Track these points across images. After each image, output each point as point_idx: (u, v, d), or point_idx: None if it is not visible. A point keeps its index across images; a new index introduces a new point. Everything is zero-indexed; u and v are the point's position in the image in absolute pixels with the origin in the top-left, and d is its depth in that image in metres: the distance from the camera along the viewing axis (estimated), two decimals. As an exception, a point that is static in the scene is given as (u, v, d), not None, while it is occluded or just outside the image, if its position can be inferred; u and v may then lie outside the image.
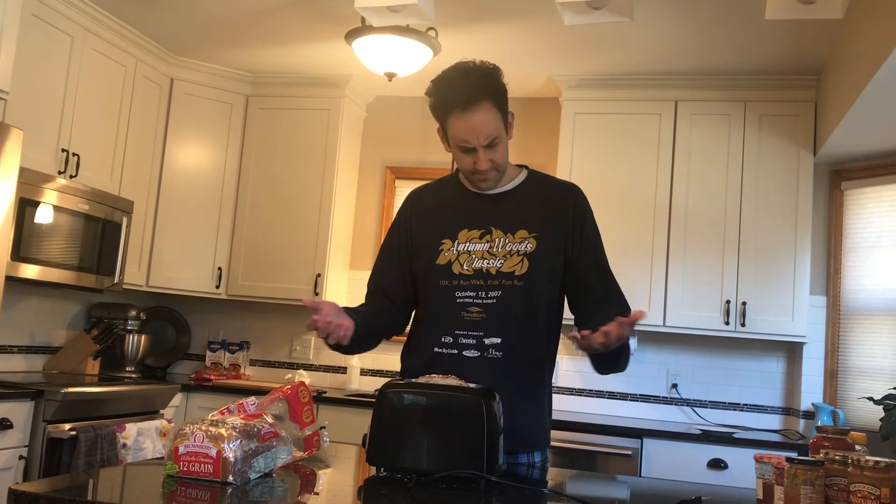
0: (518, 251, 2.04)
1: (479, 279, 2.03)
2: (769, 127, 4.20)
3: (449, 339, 2.03)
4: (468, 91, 1.97)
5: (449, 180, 2.23)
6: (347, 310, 2.02)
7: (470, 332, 2.02)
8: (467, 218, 2.10)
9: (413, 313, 2.21)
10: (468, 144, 2.00)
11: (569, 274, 2.09)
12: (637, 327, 4.41)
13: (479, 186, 2.10)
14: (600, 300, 2.09)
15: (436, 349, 2.04)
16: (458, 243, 2.08)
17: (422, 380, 1.83)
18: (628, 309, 2.06)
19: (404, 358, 2.15)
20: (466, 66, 2.02)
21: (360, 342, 2.03)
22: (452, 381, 1.83)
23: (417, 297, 2.17)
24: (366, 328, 2.03)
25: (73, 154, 3.89)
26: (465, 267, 2.05)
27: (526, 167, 2.22)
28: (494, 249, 2.05)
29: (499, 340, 2.00)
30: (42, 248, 3.64)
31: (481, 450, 1.69)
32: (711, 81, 4.28)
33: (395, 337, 2.25)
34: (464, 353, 2.01)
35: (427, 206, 2.19)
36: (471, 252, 2.06)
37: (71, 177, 3.86)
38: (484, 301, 2.02)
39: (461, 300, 2.03)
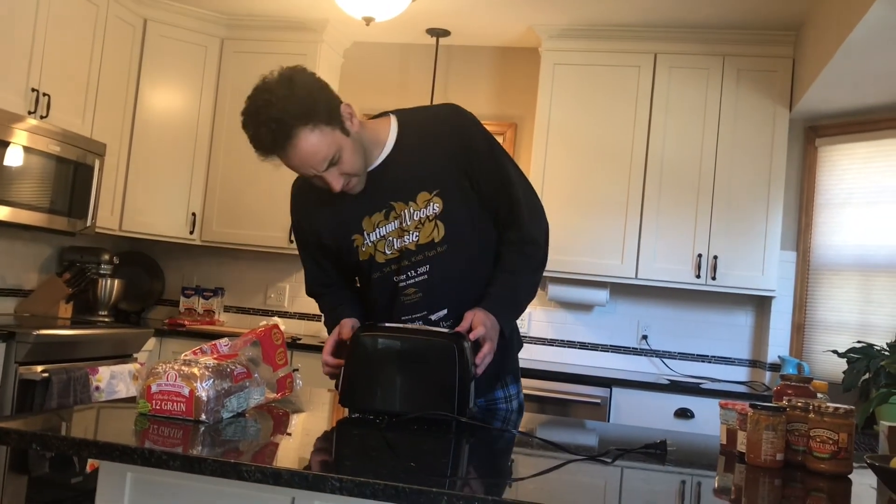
0: (427, 216, 1.91)
1: (405, 259, 1.93)
2: (747, 82, 4.21)
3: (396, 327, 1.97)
4: (275, 129, 1.75)
5: None
6: (342, 312, 1.99)
7: (414, 315, 1.94)
8: (362, 204, 1.93)
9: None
10: (307, 173, 1.83)
11: (481, 202, 1.98)
12: (609, 279, 4.43)
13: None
14: (506, 222, 1.99)
15: None
16: (368, 234, 1.94)
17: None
18: (530, 224, 1.99)
19: None
20: (261, 92, 1.79)
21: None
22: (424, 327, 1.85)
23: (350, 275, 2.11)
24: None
25: (44, 94, 3.82)
26: (387, 252, 1.94)
27: (391, 113, 2.01)
28: (405, 224, 1.92)
29: (445, 311, 1.94)
30: (12, 190, 3.59)
31: (453, 393, 1.71)
32: (691, 35, 4.26)
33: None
34: None
35: (313, 200, 2.00)
36: (385, 236, 1.93)
37: (42, 117, 3.80)
38: (416, 279, 1.93)
39: (397, 286, 1.94)
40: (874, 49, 3.18)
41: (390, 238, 1.93)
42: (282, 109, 1.74)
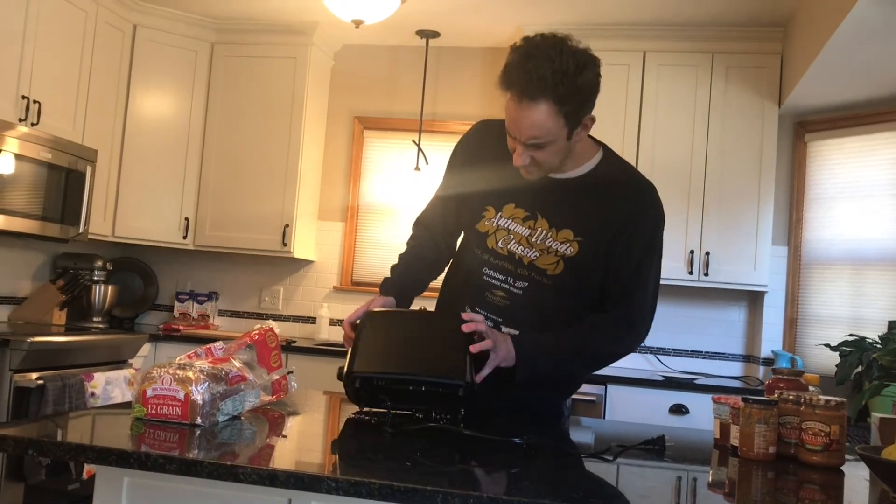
0: (557, 251, 1.89)
1: (510, 263, 1.92)
2: (735, 78, 4.23)
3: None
4: (534, 81, 1.70)
5: None
6: (386, 290, 1.98)
7: (490, 315, 1.94)
8: (518, 193, 1.93)
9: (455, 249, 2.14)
10: (510, 132, 1.81)
11: (604, 276, 1.93)
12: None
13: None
14: (607, 306, 1.95)
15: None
16: (501, 217, 1.94)
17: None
18: (596, 331, 1.94)
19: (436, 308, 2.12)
20: (556, 47, 1.72)
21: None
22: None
23: (459, 231, 2.10)
24: (407, 295, 2.01)
25: (34, 101, 3.81)
26: (499, 244, 1.93)
27: (602, 147, 1.97)
28: (534, 239, 1.91)
29: (516, 333, 1.91)
30: (4, 198, 3.58)
31: (463, 360, 1.74)
32: (680, 32, 4.28)
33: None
34: None
35: (489, 150, 1.99)
36: (510, 231, 1.92)
37: (32, 124, 3.79)
38: (511, 288, 1.92)
39: (487, 278, 1.94)
40: (861, 44, 3.20)
41: (511, 237, 1.92)
42: (559, 76, 1.69)
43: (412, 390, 1.74)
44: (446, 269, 2.15)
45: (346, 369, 1.79)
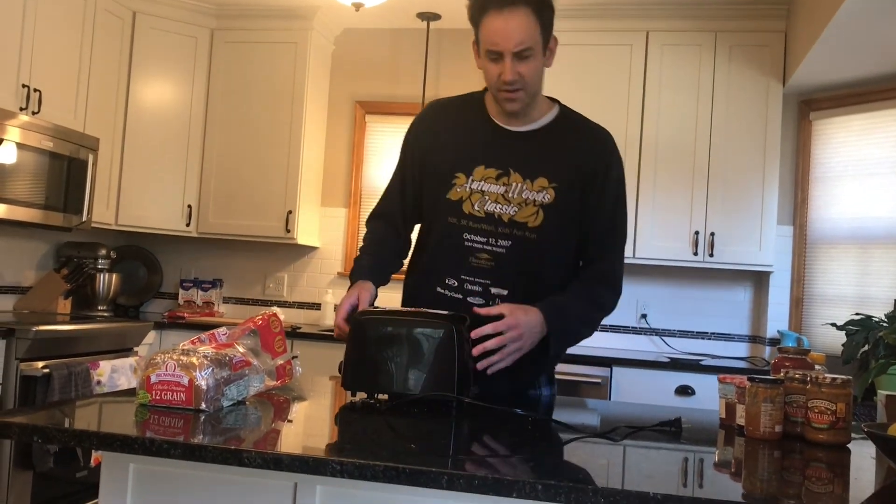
0: (535, 200, 1.92)
1: (490, 224, 1.93)
2: (739, 57, 4.20)
3: (453, 283, 1.95)
4: None
5: (474, 99, 2.07)
6: (360, 275, 1.97)
7: (476, 279, 1.93)
8: (486, 153, 1.97)
9: (416, 237, 2.13)
10: (497, 48, 1.85)
11: (583, 222, 1.99)
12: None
13: (505, 108, 1.94)
14: (588, 261, 2.01)
15: (438, 289, 1.97)
16: (473, 180, 1.95)
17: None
18: (604, 282, 2.00)
19: (407, 290, 2.08)
20: None
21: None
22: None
23: (421, 220, 2.10)
24: (381, 282, 2.00)
25: (35, 90, 3.80)
26: (476, 207, 1.94)
27: (558, 102, 2.06)
28: (510, 194, 1.93)
29: (506, 293, 1.92)
30: (6, 187, 3.58)
31: (452, 375, 1.72)
32: (683, 11, 4.25)
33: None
34: (468, 299, 1.93)
35: (446, 125, 2.05)
36: (484, 192, 1.94)
37: (33, 113, 3.78)
38: (494, 248, 1.93)
39: (469, 243, 1.94)
40: (866, 20, 3.17)
41: (487, 198, 1.94)
42: None
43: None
44: (412, 252, 2.13)
45: (341, 379, 1.79)
